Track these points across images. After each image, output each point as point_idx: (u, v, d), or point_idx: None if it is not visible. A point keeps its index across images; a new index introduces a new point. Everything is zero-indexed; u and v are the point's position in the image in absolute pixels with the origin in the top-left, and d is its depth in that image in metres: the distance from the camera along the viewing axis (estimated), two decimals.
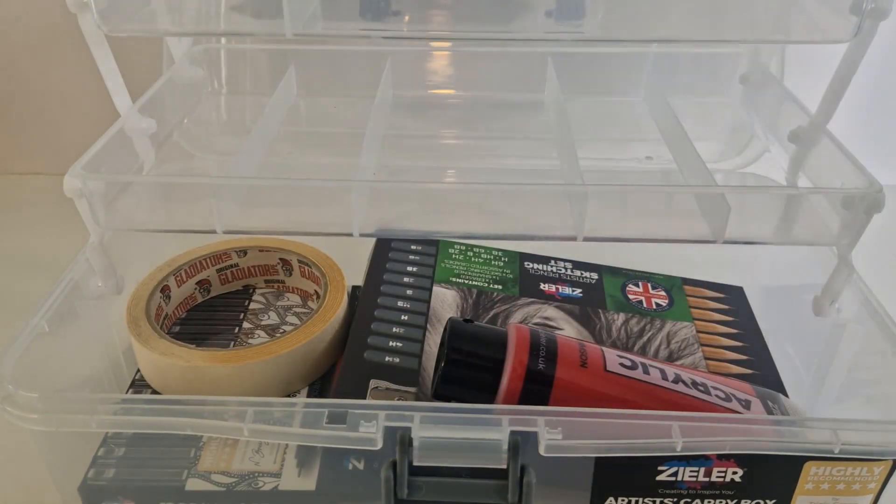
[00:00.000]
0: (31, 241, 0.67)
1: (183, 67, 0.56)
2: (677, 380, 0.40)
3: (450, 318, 0.40)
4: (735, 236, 0.38)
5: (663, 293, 0.52)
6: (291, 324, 0.50)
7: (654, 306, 0.51)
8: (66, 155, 0.42)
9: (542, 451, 0.34)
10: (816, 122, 0.45)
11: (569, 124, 0.47)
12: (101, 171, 0.41)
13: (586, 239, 0.39)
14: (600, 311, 0.50)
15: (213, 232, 0.39)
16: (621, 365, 0.39)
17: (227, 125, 0.61)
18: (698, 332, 0.49)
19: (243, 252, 0.52)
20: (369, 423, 0.34)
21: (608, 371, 0.39)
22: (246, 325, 0.50)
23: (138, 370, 0.46)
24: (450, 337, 0.39)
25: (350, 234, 0.39)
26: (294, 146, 0.57)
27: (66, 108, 0.74)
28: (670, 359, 0.47)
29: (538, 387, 0.38)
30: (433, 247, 0.53)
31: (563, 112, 0.49)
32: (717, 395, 0.39)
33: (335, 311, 0.46)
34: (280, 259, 0.52)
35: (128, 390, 0.45)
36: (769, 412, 0.39)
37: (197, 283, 0.51)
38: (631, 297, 0.51)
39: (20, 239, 0.68)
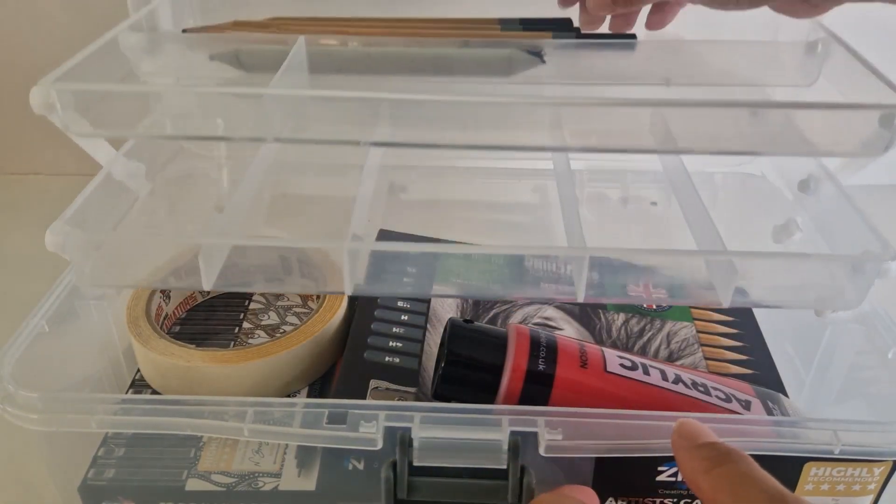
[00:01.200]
0: (31, 241, 0.67)
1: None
2: (677, 380, 0.39)
3: (450, 319, 0.40)
4: (742, 301, 0.38)
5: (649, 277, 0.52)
6: (291, 324, 0.50)
7: (655, 306, 0.51)
8: (67, 155, 0.41)
9: (542, 452, 0.34)
10: (829, 174, 0.43)
11: (577, 205, 0.43)
12: (84, 226, 0.40)
13: (586, 300, 0.38)
14: (600, 311, 0.50)
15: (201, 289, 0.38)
16: (621, 366, 0.39)
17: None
18: (698, 332, 0.49)
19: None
20: (369, 423, 0.34)
21: (608, 372, 0.39)
22: (246, 325, 0.50)
23: (138, 370, 0.46)
24: (450, 337, 0.39)
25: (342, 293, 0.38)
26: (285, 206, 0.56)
27: None
28: (670, 359, 0.47)
29: (538, 387, 0.38)
30: None
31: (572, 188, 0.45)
32: (717, 396, 0.39)
33: (335, 311, 0.46)
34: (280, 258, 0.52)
35: (128, 390, 0.45)
36: (769, 412, 0.39)
37: None
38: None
39: (20, 239, 0.68)
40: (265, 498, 0.38)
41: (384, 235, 0.53)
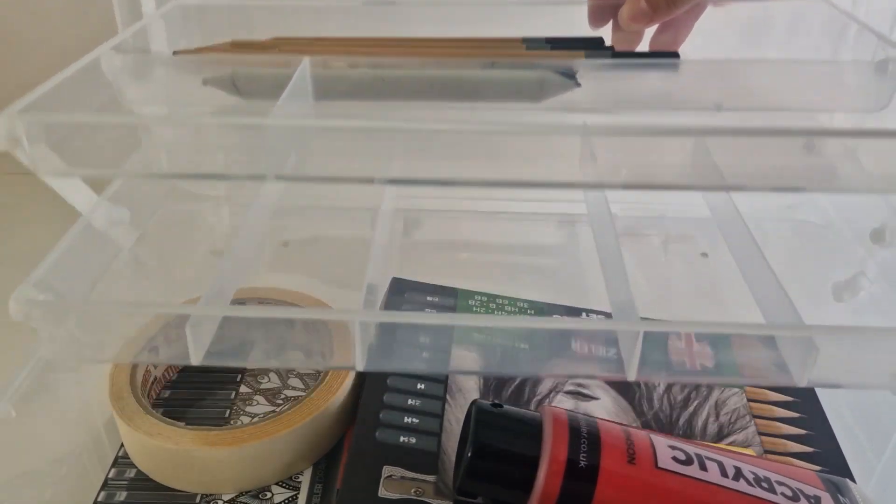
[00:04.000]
0: (31, 241, 0.64)
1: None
2: (738, 475, 0.34)
3: (474, 402, 0.35)
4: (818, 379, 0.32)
5: (708, 350, 0.47)
6: (294, 388, 0.44)
7: (699, 367, 0.46)
8: None
9: None
10: None
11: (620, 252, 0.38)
12: (55, 289, 0.35)
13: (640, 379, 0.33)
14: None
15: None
16: (674, 459, 0.34)
17: None
18: (749, 400, 0.44)
19: (241, 304, 0.47)
20: None
21: (660, 468, 0.34)
22: (243, 388, 0.44)
23: (122, 445, 0.41)
24: (475, 426, 0.34)
25: (353, 368, 0.34)
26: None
27: None
28: (720, 433, 0.42)
29: (580, 485, 0.33)
30: (451, 298, 0.48)
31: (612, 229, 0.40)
32: (783, 494, 0.34)
33: (342, 380, 0.41)
34: None
35: (110, 470, 0.40)
36: None
37: None
38: (673, 358, 0.46)
39: (20, 239, 0.65)
40: None
41: (397, 284, 0.48)
